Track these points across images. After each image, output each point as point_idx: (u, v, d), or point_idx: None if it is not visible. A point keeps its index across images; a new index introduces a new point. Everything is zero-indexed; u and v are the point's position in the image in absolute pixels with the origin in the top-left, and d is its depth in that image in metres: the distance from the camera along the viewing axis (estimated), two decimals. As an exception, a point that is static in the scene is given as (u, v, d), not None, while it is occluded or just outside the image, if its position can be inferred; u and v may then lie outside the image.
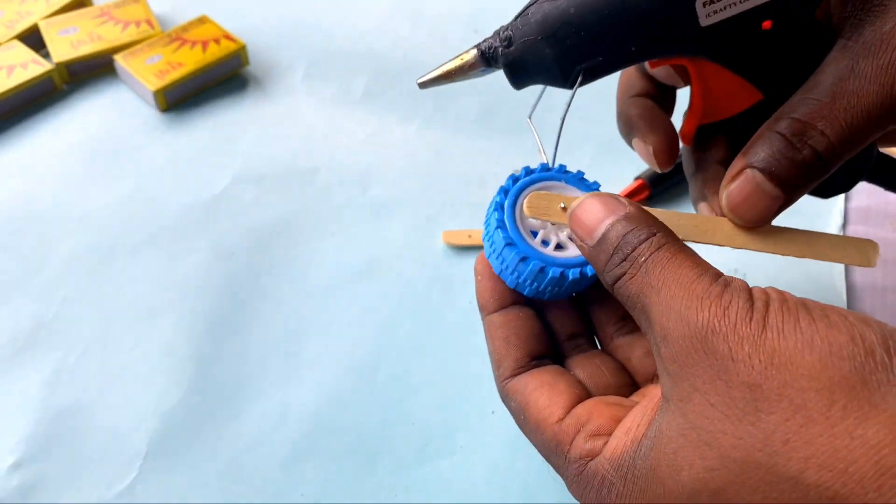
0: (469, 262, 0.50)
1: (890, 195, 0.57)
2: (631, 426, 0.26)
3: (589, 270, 0.31)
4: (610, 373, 0.32)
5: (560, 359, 0.33)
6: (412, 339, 0.46)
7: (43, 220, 0.52)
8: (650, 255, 0.26)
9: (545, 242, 0.32)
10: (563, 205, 0.32)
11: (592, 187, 0.34)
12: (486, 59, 0.30)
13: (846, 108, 0.28)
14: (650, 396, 0.27)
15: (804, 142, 0.29)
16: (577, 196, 0.33)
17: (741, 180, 0.30)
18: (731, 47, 0.30)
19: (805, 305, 0.23)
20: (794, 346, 0.22)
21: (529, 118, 0.33)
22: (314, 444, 0.42)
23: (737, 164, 0.30)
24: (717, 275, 0.25)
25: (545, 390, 0.30)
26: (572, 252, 0.32)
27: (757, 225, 0.31)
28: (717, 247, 0.32)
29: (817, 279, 0.50)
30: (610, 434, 0.27)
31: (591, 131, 0.54)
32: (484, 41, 0.30)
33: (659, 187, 0.55)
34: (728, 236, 0.32)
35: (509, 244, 0.31)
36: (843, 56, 0.29)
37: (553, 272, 0.31)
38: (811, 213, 0.55)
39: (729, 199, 0.30)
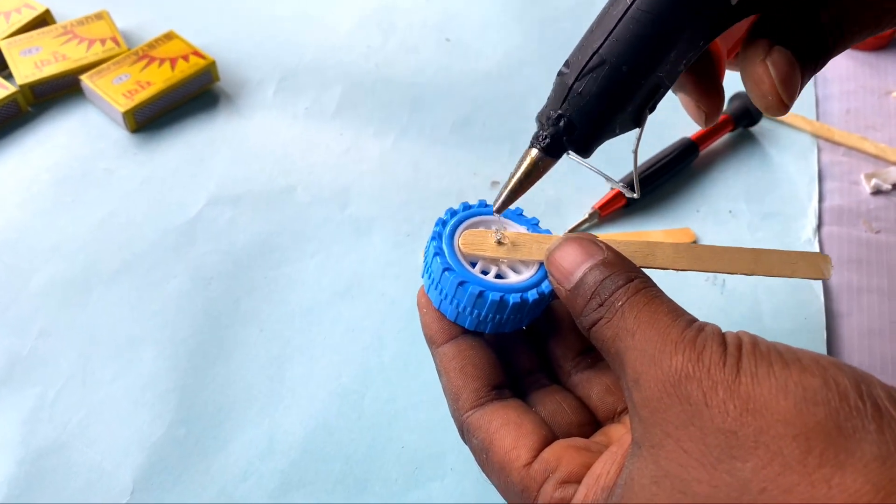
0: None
1: (862, 194, 0.58)
2: (601, 473, 0.26)
3: (530, 296, 0.30)
4: (571, 410, 0.31)
5: (520, 394, 0.32)
6: (397, 360, 0.46)
7: (13, 251, 0.50)
8: (627, 300, 0.26)
9: (485, 272, 0.31)
10: (499, 238, 0.32)
11: (531, 223, 0.34)
12: (552, 153, 0.28)
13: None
14: (619, 442, 0.27)
15: (824, 34, 0.30)
16: (516, 230, 0.33)
17: (777, 55, 0.29)
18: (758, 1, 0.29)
19: (777, 350, 0.23)
20: (769, 392, 0.22)
21: (634, 152, 0.31)
22: (303, 472, 0.42)
23: (761, 42, 0.30)
24: (692, 320, 0.25)
25: (511, 429, 0.29)
26: (512, 280, 0.31)
27: (790, 104, 0.30)
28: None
29: (795, 283, 0.51)
30: (579, 481, 0.27)
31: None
32: (537, 138, 0.28)
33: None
34: (671, 259, 0.31)
35: (447, 269, 0.30)
36: None
37: (493, 296, 0.30)
38: (787, 214, 0.56)
39: (776, 67, 0.29)
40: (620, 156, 0.55)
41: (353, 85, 0.63)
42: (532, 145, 0.28)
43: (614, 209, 0.54)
